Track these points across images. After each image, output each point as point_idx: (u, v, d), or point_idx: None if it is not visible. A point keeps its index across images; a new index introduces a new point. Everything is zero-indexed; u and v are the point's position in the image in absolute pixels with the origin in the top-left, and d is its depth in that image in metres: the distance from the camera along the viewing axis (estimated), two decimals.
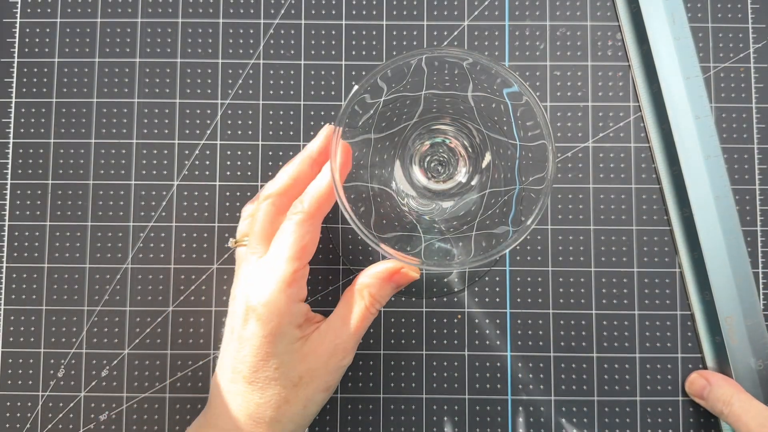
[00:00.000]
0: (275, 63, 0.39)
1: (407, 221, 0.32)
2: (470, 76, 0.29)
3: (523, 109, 0.28)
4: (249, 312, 0.30)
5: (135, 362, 0.38)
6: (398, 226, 0.32)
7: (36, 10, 0.40)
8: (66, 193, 0.39)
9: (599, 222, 0.38)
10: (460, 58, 0.27)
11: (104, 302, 0.38)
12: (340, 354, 0.31)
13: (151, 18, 0.40)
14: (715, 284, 0.37)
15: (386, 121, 0.31)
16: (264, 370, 0.29)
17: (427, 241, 0.33)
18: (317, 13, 0.40)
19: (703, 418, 0.37)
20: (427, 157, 0.31)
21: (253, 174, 0.39)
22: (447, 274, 0.38)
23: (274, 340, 0.29)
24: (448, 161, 0.31)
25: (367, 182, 0.31)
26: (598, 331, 0.38)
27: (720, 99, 0.39)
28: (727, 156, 0.39)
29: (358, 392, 0.38)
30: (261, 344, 0.29)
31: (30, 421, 0.38)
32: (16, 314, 0.38)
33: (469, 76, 0.29)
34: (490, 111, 0.30)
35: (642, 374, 0.38)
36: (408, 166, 0.31)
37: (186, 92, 0.39)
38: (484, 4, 0.40)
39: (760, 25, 0.39)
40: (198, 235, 0.39)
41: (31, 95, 0.39)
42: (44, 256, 0.38)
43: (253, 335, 0.29)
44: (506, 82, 0.27)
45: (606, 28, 0.39)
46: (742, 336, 0.37)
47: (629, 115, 0.39)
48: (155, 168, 0.39)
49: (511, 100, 0.28)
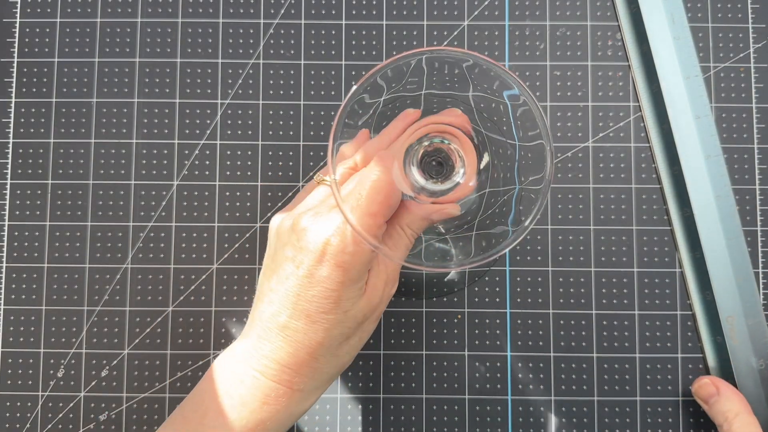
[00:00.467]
0: (275, 63, 0.39)
1: None
2: (469, 77, 0.29)
3: (522, 109, 0.28)
4: (328, 254, 0.29)
5: (135, 362, 0.38)
6: None
7: (36, 10, 0.40)
8: (66, 193, 0.39)
9: (599, 222, 0.38)
10: (460, 58, 0.27)
11: (104, 302, 0.38)
12: (391, 284, 0.31)
13: (151, 18, 0.40)
14: (716, 284, 0.37)
15: (386, 120, 0.31)
16: (333, 312, 0.29)
17: (426, 242, 0.33)
18: (317, 13, 0.40)
19: (703, 419, 0.37)
20: (425, 158, 0.31)
21: (253, 174, 0.39)
22: (446, 273, 0.38)
23: (350, 285, 0.29)
24: (446, 162, 0.31)
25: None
26: (598, 331, 0.38)
27: (720, 99, 0.39)
28: (727, 156, 0.39)
29: (358, 392, 0.38)
30: (336, 288, 0.29)
31: (30, 421, 0.38)
32: (16, 314, 0.38)
33: (468, 77, 0.29)
34: (489, 111, 0.30)
35: (642, 374, 0.38)
36: (406, 166, 0.30)
37: (186, 92, 0.39)
38: (484, 4, 0.40)
39: (760, 25, 0.39)
40: (198, 235, 0.39)
41: (31, 95, 0.39)
42: (44, 256, 0.38)
43: (329, 279, 0.29)
44: (505, 83, 0.27)
45: (606, 28, 0.39)
46: (743, 335, 0.37)
47: (629, 115, 0.39)
48: (155, 168, 0.39)
49: (511, 101, 0.28)
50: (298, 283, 0.29)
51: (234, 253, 0.39)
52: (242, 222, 0.39)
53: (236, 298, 0.38)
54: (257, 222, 0.39)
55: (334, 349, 0.30)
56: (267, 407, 0.30)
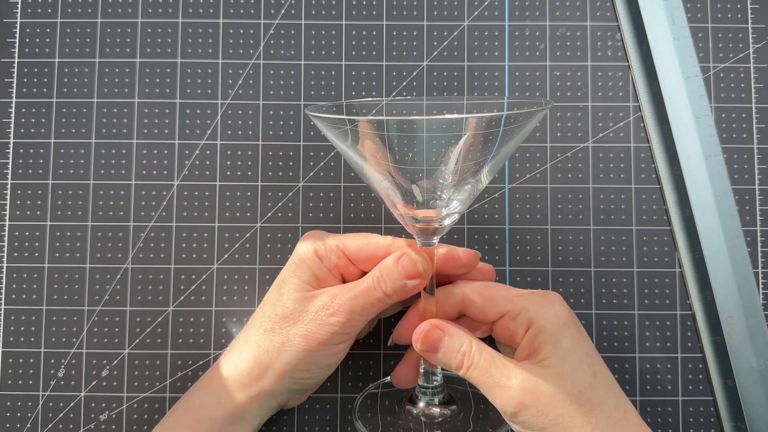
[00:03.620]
0: (275, 63, 0.39)
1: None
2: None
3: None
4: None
5: (135, 362, 0.38)
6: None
7: (36, 10, 0.40)
8: (66, 193, 0.39)
9: (599, 222, 0.38)
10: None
11: (104, 302, 0.38)
12: (330, 309, 0.32)
13: (151, 18, 0.40)
14: (716, 284, 0.37)
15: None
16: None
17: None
18: (317, 13, 0.40)
19: (703, 418, 0.37)
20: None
21: (253, 174, 0.39)
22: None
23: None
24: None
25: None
26: (598, 330, 0.38)
27: (720, 99, 0.39)
28: (727, 156, 0.39)
29: (358, 392, 0.38)
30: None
31: (30, 421, 0.38)
32: (17, 314, 0.38)
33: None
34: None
35: (642, 374, 0.38)
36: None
37: (186, 92, 0.39)
38: (484, 4, 0.40)
39: (760, 25, 0.39)
40: (198, 235, 0.39)
41: (31, 95, 0.39)
42: (44, 256, 0.38)
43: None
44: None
45: (606, 28, 0.39)
46: (743, 335, 0.37)
47: (629, 115, 0.39)
48: (155, 168, 0.39)
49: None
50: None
51: (234, 253, 0.39)
52: (242, 222, 0.39)
53: (236, 298, 0.38)
54: (257, 222, 0.39)
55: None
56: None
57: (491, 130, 0.27)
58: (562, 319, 0.30)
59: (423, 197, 0.29)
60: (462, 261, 0.33)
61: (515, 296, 0.31)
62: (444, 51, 0.39)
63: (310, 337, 0.31)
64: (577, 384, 0.29)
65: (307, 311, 0.32)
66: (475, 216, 0.39)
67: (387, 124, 0.27)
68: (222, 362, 0.33)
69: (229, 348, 0.34)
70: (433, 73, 0.39)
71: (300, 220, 0.39)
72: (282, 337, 0.32)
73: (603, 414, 0.29)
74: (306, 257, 0.33)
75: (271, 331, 0.32)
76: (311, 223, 0.39)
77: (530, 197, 0.39)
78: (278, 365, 0.32)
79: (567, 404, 0.28)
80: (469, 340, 0.30)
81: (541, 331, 0.30)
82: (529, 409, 0.28)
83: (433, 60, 0.39)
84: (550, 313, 0.30)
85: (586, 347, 0.30)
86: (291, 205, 0.39)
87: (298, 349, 0.31)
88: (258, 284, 0.38)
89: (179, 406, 0.33)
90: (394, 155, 0.28)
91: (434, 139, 0.27)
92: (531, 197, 0.39)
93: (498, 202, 0.39)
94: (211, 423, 0.31)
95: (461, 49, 0.39)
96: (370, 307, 0.31)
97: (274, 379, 0.32)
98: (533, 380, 0.29)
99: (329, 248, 0.33)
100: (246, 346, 0.33)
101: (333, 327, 0.31)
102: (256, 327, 0.33)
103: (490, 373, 0.29)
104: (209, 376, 0.33)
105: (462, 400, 0.34)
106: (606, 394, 0.30)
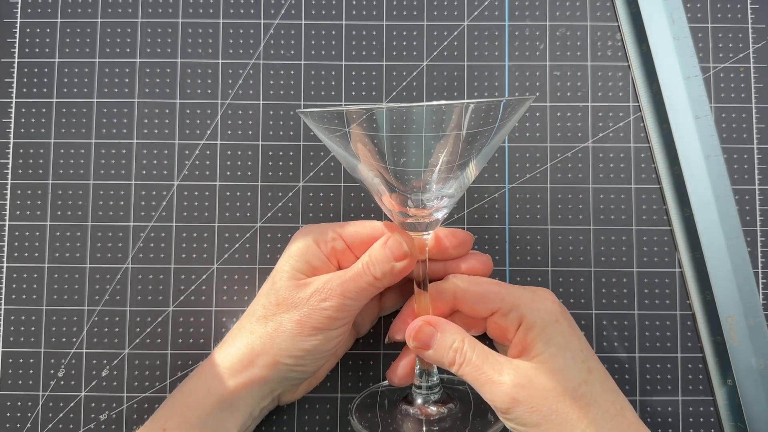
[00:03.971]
0: (275, 63, 0.39)
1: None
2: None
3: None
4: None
5: (135, 362, 0.38)
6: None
7: (36, 10, 0.40)
8: (66, 193, 0.39)
9: (599, 222, 0.38)
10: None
11: (104, 302, 0.38)
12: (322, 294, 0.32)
13: (151, 18, 0.40)
14: (716, 284, 0.37)
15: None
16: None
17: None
18: (317, 13, 0.40)
19: (702, 418, 0.37)
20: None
21: (253, 174, 0.39)
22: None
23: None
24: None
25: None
26: (597, 330, 0.38)
27: (720, 99, 0.39)
28: (727, 156, 0.39)
29: (358, 392, 0.38)
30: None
31: (30, 421, 0.38)
32: (17, 314, 0.38)
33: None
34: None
35: (642, 374, 0.38)
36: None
37: (186, 92, 0.39)
38: (484, 4, 0.40)
39: (759, 25, 0.39)
40: (198, 235, 0.39)
41: (31, 95, 0.39)
42: (44, 256, 0.38)
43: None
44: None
45: (606, 28, 0.39)
46: (743, 335, 0.37)
47: (629, 115, 0.39)
48: (155, 168, 0.39)
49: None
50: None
51: (234, 253, 0.39)
52: (242, 222, 0.39)
53: (236, 298, 0.38)
54: (257, 222, 0.39)
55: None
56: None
57: (479, 124, 0.27)
58: (553, 315, 0.30)
59: (412, 192, 0.29)
60: (459, 239, 0.33)
61: (506, 292, 0.31)
62: (444, 51, 0.39)
63: (303, 321, 0.31)
64: (570, 379, 0.29)
65: (300, 297, 0.32)
66: (475, 216, 0.39)
67: (377, 122, 0.27)
68: (216, 351, 0.33)
69: (224, 339, 0.34)
70: (433, 73, 0.39)
71: (300, 220, 0.39)
72: (275, 323, 0.32)
73: (599, 410, 0.29)
74: (301, 245, 0.33)
75: (264, 318, 0.32)
76: (311, 223, 0.39)
77: (530, 197, 0.39)
78: (271, 351, 0.32)
79: (560, 400, 0.28)
80: (461, 337, 0.30)
81: (532, 327, 0.30)
82: (521, 405, 0.28)
83: (433, 60, 0.39)
84: (540, 309, 0.30)
85: (578, 343, 0.30)
86: (291, 205, 0.39)
87: (291, 334, 0.31)
88: (258, 284, 0.38)
89: (172, 396, 0.33)
90: (383, 154, 0.28)
91: (421, 133, 0.27)
92: (531, 197, 0.39)
93: (498, 202, 0.39)
94: (201, 410, 0.31)
95: (461, 49, 0.39)
96: (361, 292, 0.32)
97: (266, 365, 0.32)
98: (525, 376, 0.29)
99: (325, 232, 0.33)
100: (239, 334, 0.33)
101: (326, 311, 0.31)
102: (250, 316, 0.33)
103: (482, 369, 0.29)
104: (202, 364, 0.34)
105: (462, 400, 0.34)
106: (601, 390, 0.29)
